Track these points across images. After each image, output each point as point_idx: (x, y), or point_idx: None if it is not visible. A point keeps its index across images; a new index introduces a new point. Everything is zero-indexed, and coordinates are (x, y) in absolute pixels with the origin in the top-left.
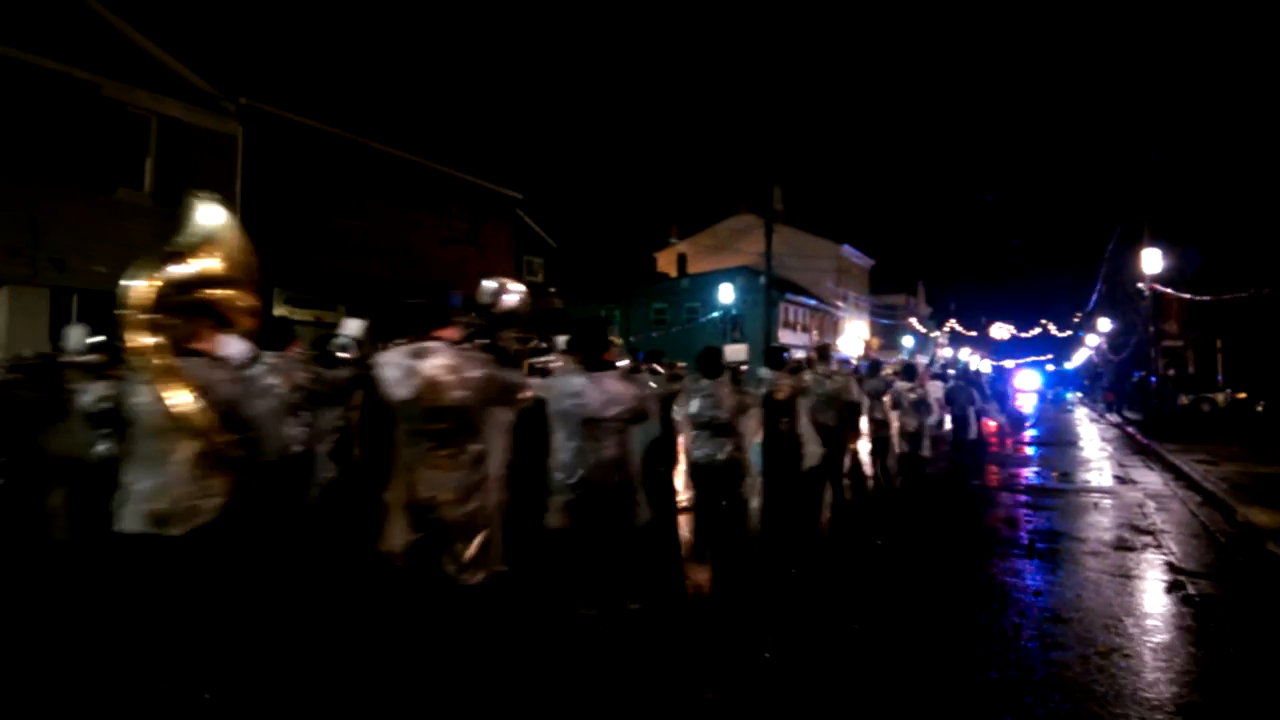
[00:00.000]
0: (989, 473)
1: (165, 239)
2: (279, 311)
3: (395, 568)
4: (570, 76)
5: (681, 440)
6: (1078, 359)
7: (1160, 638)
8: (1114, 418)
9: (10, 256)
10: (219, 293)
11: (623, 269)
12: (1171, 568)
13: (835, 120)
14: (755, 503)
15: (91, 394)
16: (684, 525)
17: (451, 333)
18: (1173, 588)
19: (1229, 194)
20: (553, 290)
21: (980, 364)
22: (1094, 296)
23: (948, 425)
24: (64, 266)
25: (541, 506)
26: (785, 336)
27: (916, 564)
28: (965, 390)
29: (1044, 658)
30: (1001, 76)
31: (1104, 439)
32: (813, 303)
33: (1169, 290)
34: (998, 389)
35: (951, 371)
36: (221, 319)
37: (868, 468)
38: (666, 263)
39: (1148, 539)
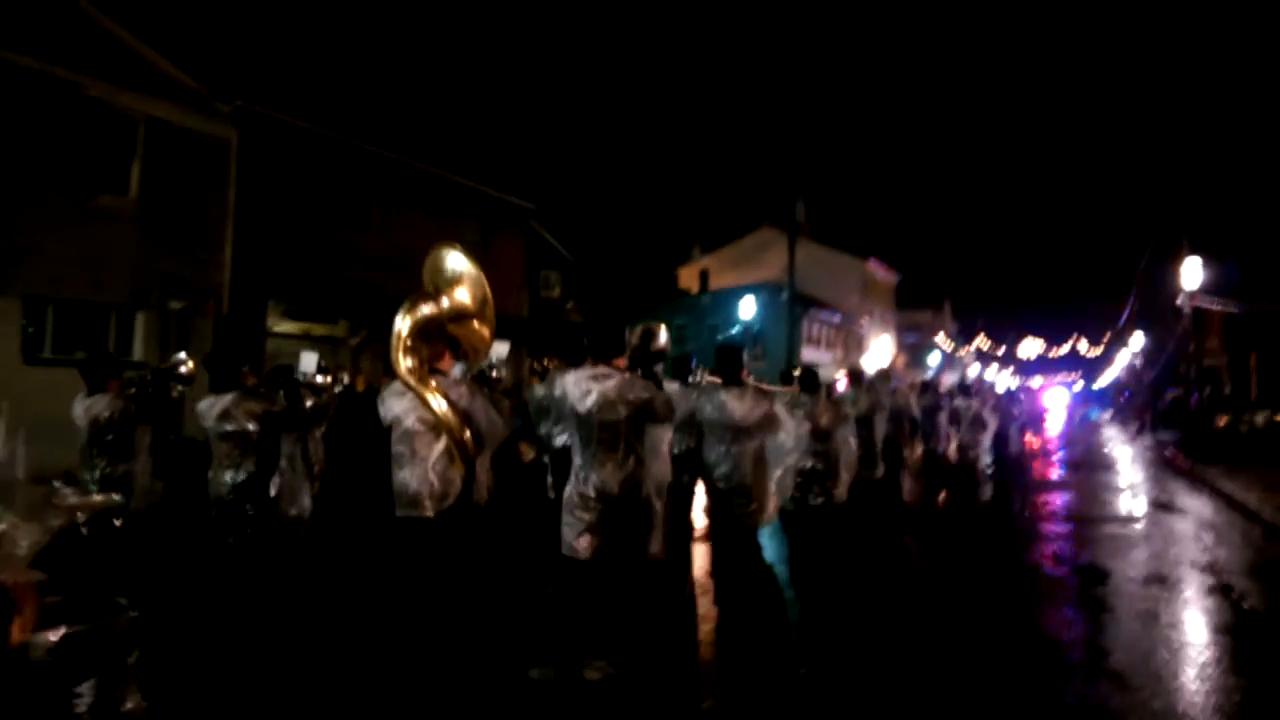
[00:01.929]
0: (1027, 497)
1: (151, 248)
2: (275, 325)
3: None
4: (590, 88)
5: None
6: (1106, 378)
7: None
8: (1147, 439)
9: None
10: (463, 326)
11: (644, 285)
12: (1252, 618)
13: (860, 133)
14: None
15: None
16: None
17: (622, 361)
18: (1261, 646)
19: (1271, 202)
20: (570, 305)
21: (1008, 381)
22: (1125, 313)
23: (985, 442)
24: (37, 274)
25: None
26: (808, 353)
27: (956, 612)
28: (1006, 407)
29: None
30: (1032, 88)
31: (1141, 461)
32: (837, 318)
33: (1213, 303)
34: (1029, 409)
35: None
36: (456, 345)
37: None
38: (689, 278)
39: (1210, 579)
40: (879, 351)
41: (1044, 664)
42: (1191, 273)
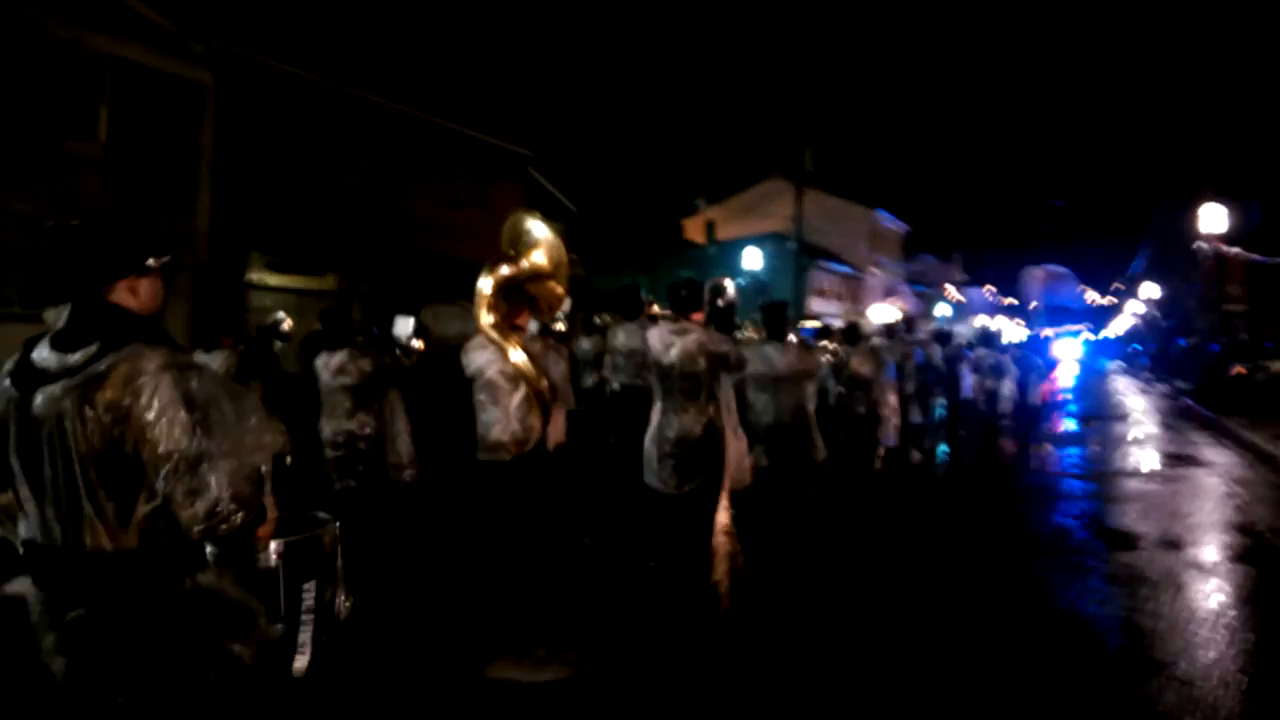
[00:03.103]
0: (1044, 452)
1: (122, 195)
2: (257, 277)
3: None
4: (591, 31)
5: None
6: (1118, 326)
7: None
8: (1163, 387)
9: None
10: (540, 285)
11: (649, 236)
12: None
13: (868, 79)
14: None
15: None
16: None
17: (699, 316)
18: None
19: None
20: (574, 258)
21: (1016, 331)
22: (1138, 260)
23: (1006, 391)
24: (1, 225)
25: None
26: (816, 304)
27: (971, 588)
28: (1027, 357)
29: None
30: (1042, 32)
31: (1158, 411)
32: (845, 269)
33: (1235, 250)
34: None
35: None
36: (533, 303)
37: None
38: (695, 230)
39: (1249, 541)
40: (888, 303)
41: (1065, 654)
42: (1213, 218)
